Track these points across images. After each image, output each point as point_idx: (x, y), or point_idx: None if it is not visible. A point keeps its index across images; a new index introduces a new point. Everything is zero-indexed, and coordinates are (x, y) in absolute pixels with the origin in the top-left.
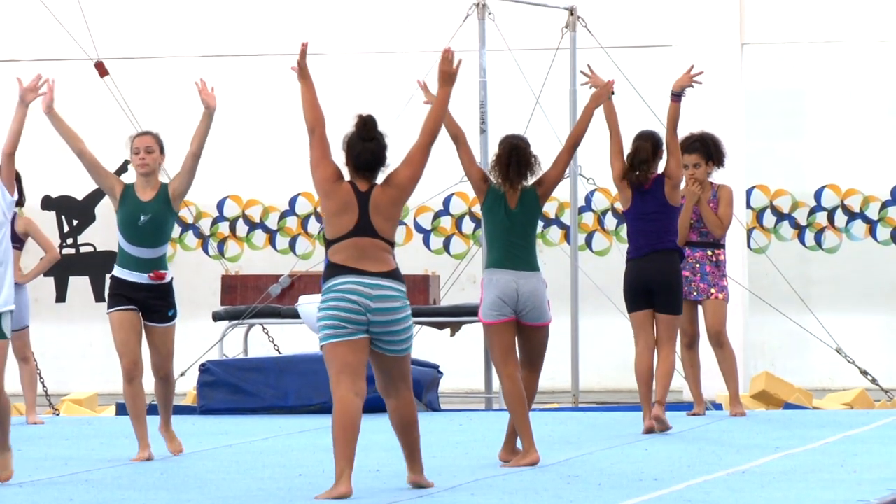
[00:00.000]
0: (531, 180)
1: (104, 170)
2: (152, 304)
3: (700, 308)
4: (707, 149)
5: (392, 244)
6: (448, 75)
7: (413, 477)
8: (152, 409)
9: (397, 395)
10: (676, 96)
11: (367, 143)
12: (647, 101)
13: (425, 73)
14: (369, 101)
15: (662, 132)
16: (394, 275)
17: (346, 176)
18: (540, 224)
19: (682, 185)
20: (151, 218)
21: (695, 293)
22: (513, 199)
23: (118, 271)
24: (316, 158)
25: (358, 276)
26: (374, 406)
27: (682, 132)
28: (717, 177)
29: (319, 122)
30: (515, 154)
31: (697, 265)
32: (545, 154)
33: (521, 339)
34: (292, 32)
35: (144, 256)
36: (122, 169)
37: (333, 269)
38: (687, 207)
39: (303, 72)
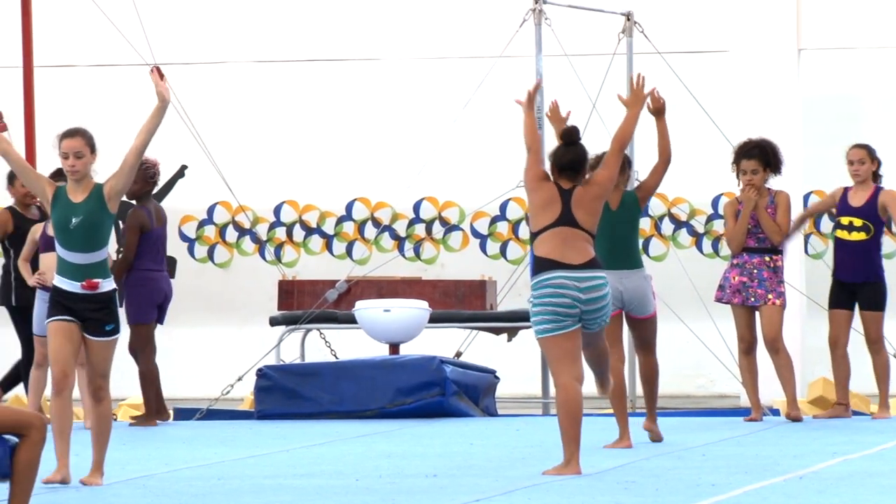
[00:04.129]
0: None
1: (34, 172)
2: (88, 316)
3: (757, 314)
4: (765, 155)
5: (593, 236)
6: (638, 98)
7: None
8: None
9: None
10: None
11: (569, 146)
12: (704, 107)
13: (482, 79)
14: (426, 106)
15: (718, 136)
16: (595, 263)
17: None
18: None
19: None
20: (83, 220)
21: (752, 299)
22: (614, 201)
23: (56, 279)
24: (530, 164)
25: (565, 271)
26: (430, 411)
27: (741, 138)
28: (774, 183)
29: (537, 142)
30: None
31: (755, 271)
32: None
33: (633, 331)
34: (348, 38)
35: (79, 262)
36: (179, 174)
37: (541, 264)
38: (744, 214)
39: (530, 104)
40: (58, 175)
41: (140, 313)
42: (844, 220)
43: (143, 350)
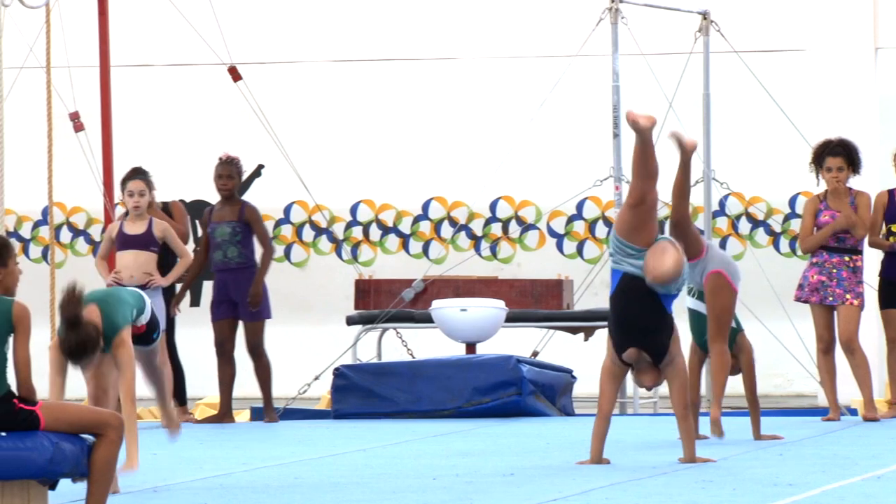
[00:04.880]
0: None
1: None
2: None
3: (835, 313)
4: (849, 153)
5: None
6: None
7: None
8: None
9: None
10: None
11: None
12: (781, 106)
13: (558, 78)
14: (503, 105)
15: (795, 135)
16: None
17: None
18: None
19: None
20: None
21: (830, 298)
22: None
23: None
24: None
25: None
26: (506, 411)
27: (819, 137)
28: (851, 183)
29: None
30: None
31: (834, 270)
32: (677, 158)
33: None
34: (424, 37)
35: None
36: (256, 174)
37: None
38: (828, 229)
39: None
40: (133, 172)
41: (265, 308)
42: (894, 228)
43: (262, 345)
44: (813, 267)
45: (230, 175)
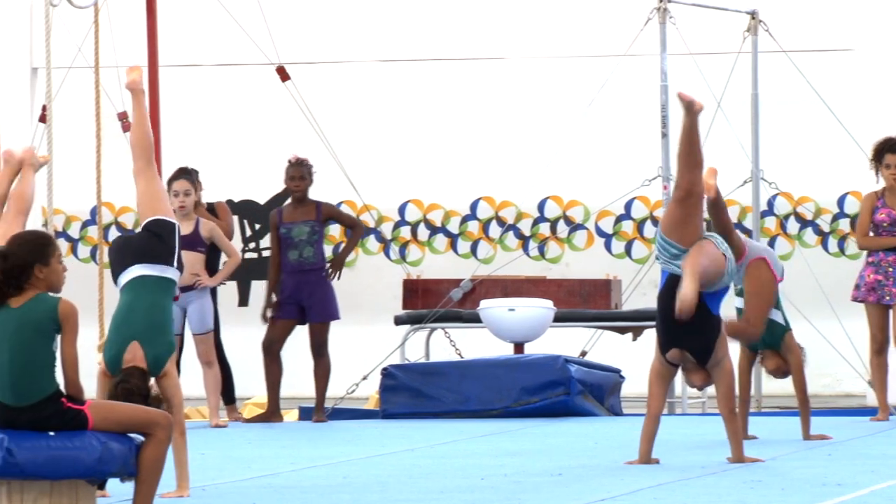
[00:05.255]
0: None
1: None
2: None
3: (890, 313)
4: None
5: None
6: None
7: None
8: None
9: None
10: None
11: None
12: (829, 105)
13: (607, 78)
14: (551, 105)
15: (843, 135)
16: None
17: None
18: None
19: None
20: None
21: (887, 297)
22: None
23: None
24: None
25: None
26: (555, 411)
27: (867, 137)
28: None
29: None
30: None
31: (890, 269)
32: (726, 158)
33: None
34: (473, 37)
35: None
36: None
37: None
38: (888, 240)
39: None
40: (179, 172)
41: (335, 309)
42: None
43: (326, 345)
44: (869, 266)
45: (302, 176)
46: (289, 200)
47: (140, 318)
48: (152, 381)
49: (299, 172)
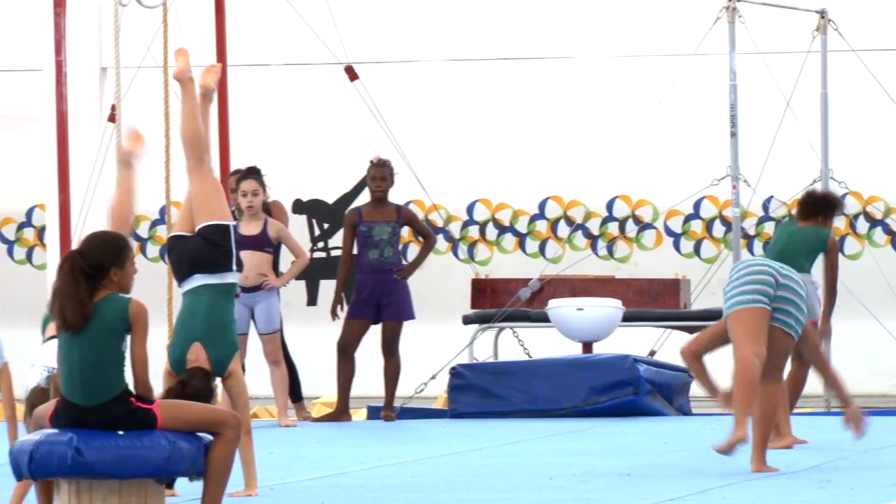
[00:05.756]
0: None
1: None
2: None
3: None
4: None
5: None
6: None
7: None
8: None
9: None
10: None
11: None
12: None
13: (675, 77)
14: (620, 104)
15: None
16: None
17: None
18: None
19: None
20: None
21: None
22: None
23: None
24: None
25: (767, 260)
26: (623, 410)
27: None
28: None
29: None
30: None
31: None
32: (796, 158)
33: None
34: (541, 36)
35: None
36: (360, 186)
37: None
38: None
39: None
40: (247, 172)
41: (411, 309)
42: None
43: (397, 345)
44: None
45: (383, 177)
46: (367, 200)
47: (201, 319)
48: (218, 381)
49: (381, 173)
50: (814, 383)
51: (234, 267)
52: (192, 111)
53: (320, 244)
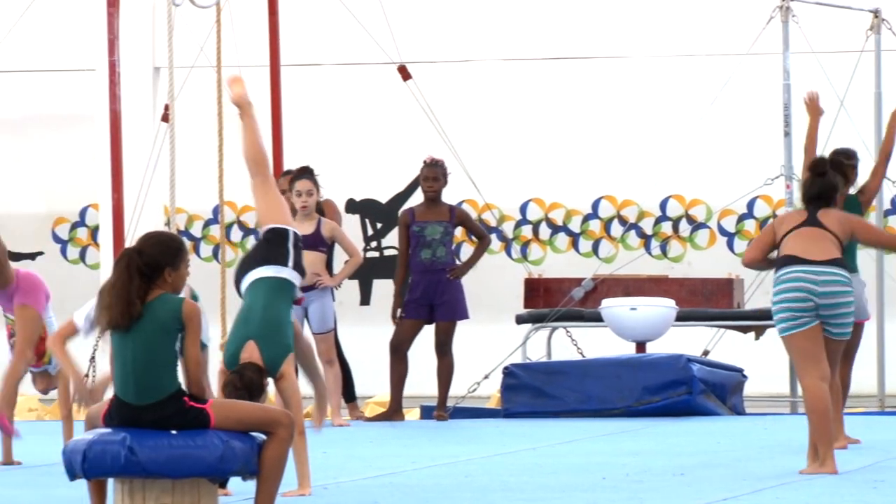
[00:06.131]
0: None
1: None
2: None
3: None
4: None
5: (841, 242)
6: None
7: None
8: None
9: (833, 374)
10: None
11: (817, 177)
12: None
13: (729, 76)
14: (673, 104)
15: None
16: (839, 262)
17: None
18: None
19: None
20: None
21: None
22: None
23: None
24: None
25: (803, 266)
26: (677, 410)
27: None
28: None
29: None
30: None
31: None
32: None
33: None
34: (594, 35)
35: None
36: (413, 186)
37: (782, 261)
38: None
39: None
40: (300, 172)
41: (464, 308)
42: None
43: (450, 344)
44: None
45: (436, 177)
46: (421, 200)
47: (257, 317)
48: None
49: (433, 173)
50: (868, 382)
51: (292, 266)
52: (253, 133)
53: (373, 244)
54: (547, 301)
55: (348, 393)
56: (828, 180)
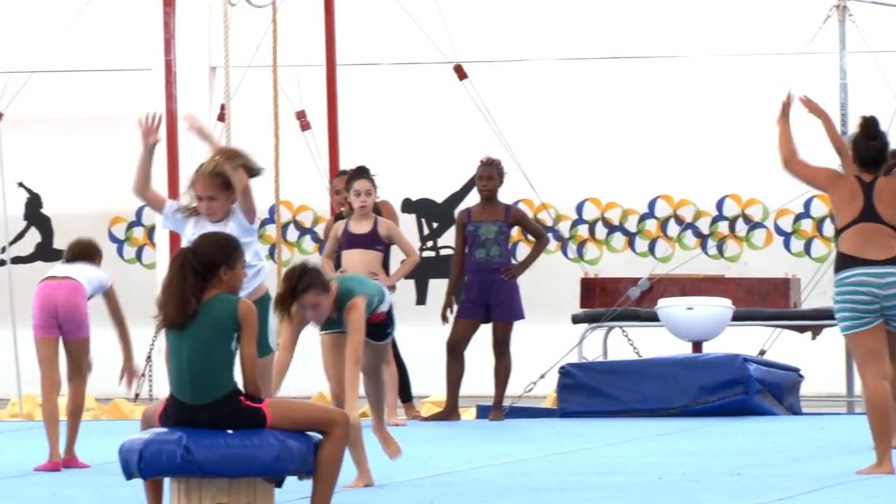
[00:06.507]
0: None
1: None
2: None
3: None
4: None
5: None
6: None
7: None
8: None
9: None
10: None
11: (869, 139)
12: None
13: (785, 76)
14: (728, 103)
15: None
16: None
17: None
18: None
19: None
20: None
21: None
22: None
23: None
24: (812, 171)
25: (865, 267)
26: (733, 410)
27: None
28: None
29: (794, 154)
30: None
31: None
32: None
33: None
34: (650, 35)
35: None
36: (469, 186)
37: (842, 261)
38: None
39: (784, 117)
40: (357, 172)
41: (520, 308)
42: None
43: (508, 344)
44: None
45: (490, 176)
46: (477, 199)
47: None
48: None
49: (488, 172)
50: None
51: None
52: None
53: (429, 243)
54: (603, 301)
55: (404, 393)
56: (879, 143)
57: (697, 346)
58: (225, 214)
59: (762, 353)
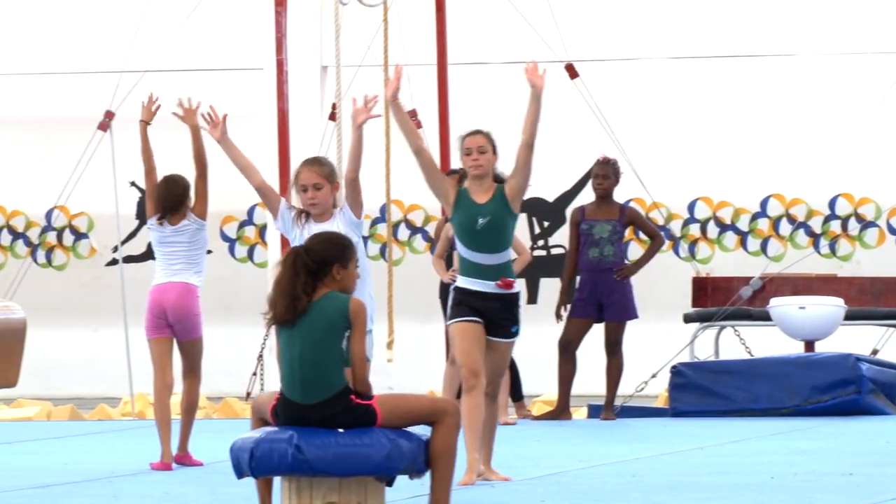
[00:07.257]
0: None
1: (439, 174)
2: (496, 316)
3: None
4: None
5: None
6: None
7: None
8: None
9: None
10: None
11: None
12: None
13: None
14: (840, 102)
15: None
16: None
17: None
18: None
19: None
20: (489, 221)
21: None
22: None
23: (461, 280)
24: None
25: None
26: (846, 409)
27: None
28: None
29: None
30: None
31: None
32: None
33: None
34: (761, 33)
35: (488, 263)
36: (581, 185)
37: None
38: None
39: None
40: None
41: (633, 308)
42: None
43: (621, 344)
44: None
45: (605, 175)
46: (588, 198)
47: None
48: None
49: (603, 171)
50: None
51: None
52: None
53: (540, 242)
54: (715, 300)
55: (515, 392)
56: None
57: (810, 345)
58: (331, 213)
59: (875, 352)
